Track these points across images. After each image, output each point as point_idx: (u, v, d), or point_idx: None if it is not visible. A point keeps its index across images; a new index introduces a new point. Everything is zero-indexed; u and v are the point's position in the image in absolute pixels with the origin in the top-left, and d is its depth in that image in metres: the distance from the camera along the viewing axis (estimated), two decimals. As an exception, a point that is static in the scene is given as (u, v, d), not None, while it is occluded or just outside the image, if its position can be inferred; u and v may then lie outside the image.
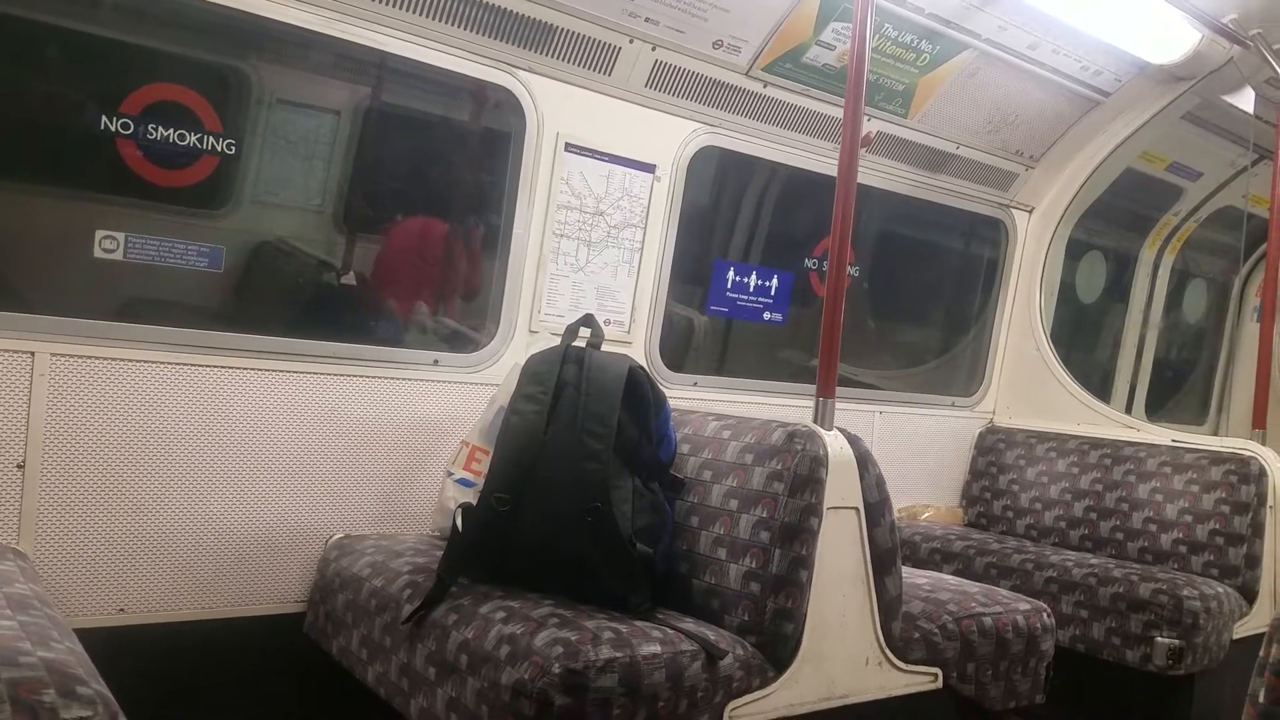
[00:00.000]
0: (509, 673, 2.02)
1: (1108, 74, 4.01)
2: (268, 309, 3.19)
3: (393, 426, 2.99)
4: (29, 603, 1.88)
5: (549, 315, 3.25)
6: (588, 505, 2.33)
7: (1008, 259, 4.65)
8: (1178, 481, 3.86)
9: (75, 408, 2.51)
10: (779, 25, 3.29)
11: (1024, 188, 4.50)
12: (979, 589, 2.93)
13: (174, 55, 2.85)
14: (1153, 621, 3.32)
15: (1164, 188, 5.14)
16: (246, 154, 3.04)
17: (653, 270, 3.48)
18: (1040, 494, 4.27)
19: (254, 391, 2.76)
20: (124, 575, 2.61)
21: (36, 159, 2.77)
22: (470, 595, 2.33)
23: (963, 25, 3.56)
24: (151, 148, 2.71)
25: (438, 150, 3.50)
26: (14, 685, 1.39)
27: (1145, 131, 4.31)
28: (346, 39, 2.82)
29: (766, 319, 4.04)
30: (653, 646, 2.11)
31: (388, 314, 3.41)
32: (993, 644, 2.72)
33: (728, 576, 2.43)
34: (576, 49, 3.11)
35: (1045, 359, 4.59)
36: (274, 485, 2.81)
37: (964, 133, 4.08)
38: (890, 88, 3.71)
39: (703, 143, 3.53)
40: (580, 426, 2.39)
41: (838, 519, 2.41)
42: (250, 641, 2.78)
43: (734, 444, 2.57)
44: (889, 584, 2.52)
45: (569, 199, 3.25)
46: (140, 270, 2.74)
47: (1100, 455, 4.14)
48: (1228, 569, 3.64)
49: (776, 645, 2.32)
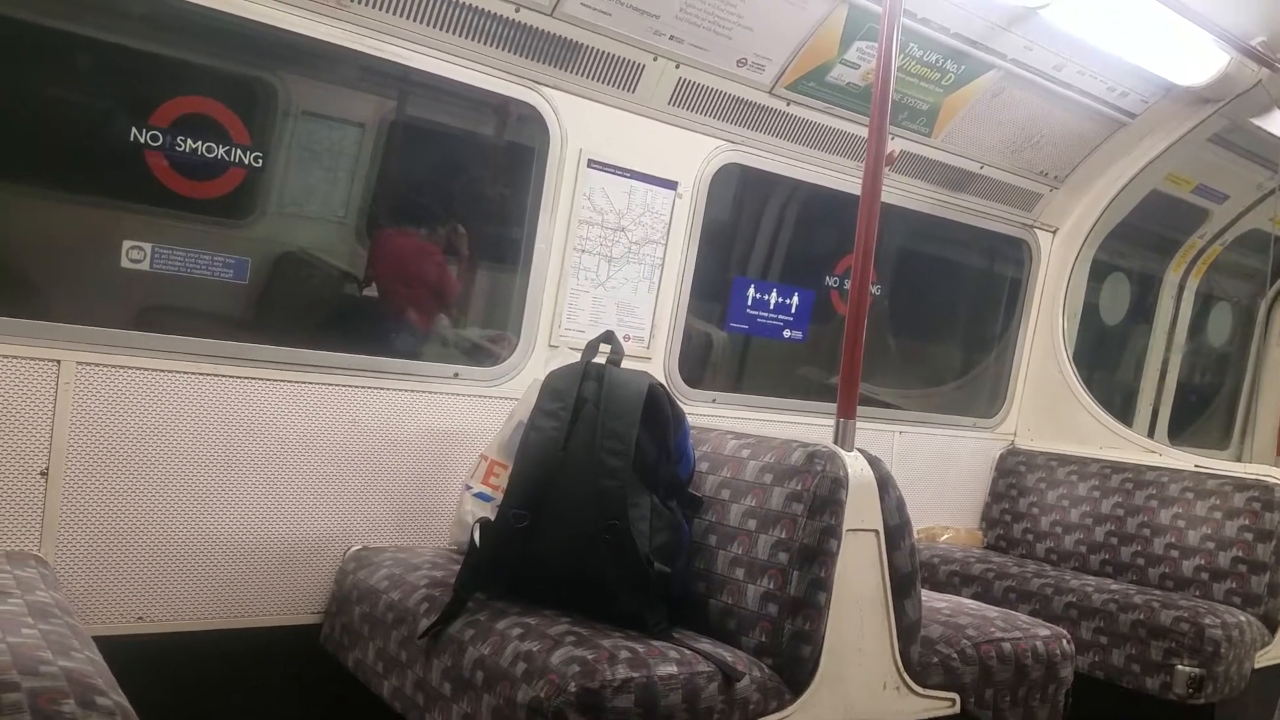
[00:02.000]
0: (525, 690, 2.02)
1: (1134, 95, 4.00)
2: (290, 320, 3.21)
3: (412, 438, 3.00)
4: (50, 610, 1.90)
5: (569, 330, 3.26)
6: (605, 523, 2.32)
7: (1030, 279, 4.63)
8: (1200, 507, 3.82)
9: (99, 416, 2.53)
10: (803, 44, 3.29)
11: (1048, 208, 4.48)
12: (998, 613, 2.91)
13: (204, 68, 2.89)
14: (1173, 649, 3.28)
15: (1190, 210, 5.10)
16: (272, 166, 3.06)
17: (673, 287, 3.48)
18: (1061, 517, 4.24)
19: (275, 402, 2.77)
20: (143, 583, 2.62)
21: (67, 169, 2.82)
22: (487, 611, 2.33)
23: (988, 45, 3.55)
24: (180, 160, 2.74)
25: (461, 164, 3.52)
26: (34, 695, 1.40)
27: (1171, 153, 4.29)
28: (373, 54, 2.84)
29: (787, 336, 4.03)
30: (669, 667, 2.10)
31: (408, 326, 3.42)
32: (1011, 670, 2.70)
33: (745, 597, 2.41)
34: (601, 66, 3.12)
35: (1067, 381, 4.55)
36: (293, 496, 2.82)
37: (988, 152, 4.07)
38: (914, 107, 3.71)
39: (725, 160, 3.53)
40: (599, 444, 2.38)
41: (857, 541, 2.39)
42: (267, 652, 2.78)
43: (753, 463, 2.56)
44: (908, 608, 2.50)
45: (591, 214, 3.25)
46: (166, 280, 2.77)
47: (1122, 479, 4.10)
48: (1250, 597, 3.60)
49: (794, 668, 2.30)
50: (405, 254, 3.49)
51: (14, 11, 2.64)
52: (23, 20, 2.66)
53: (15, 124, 2.71)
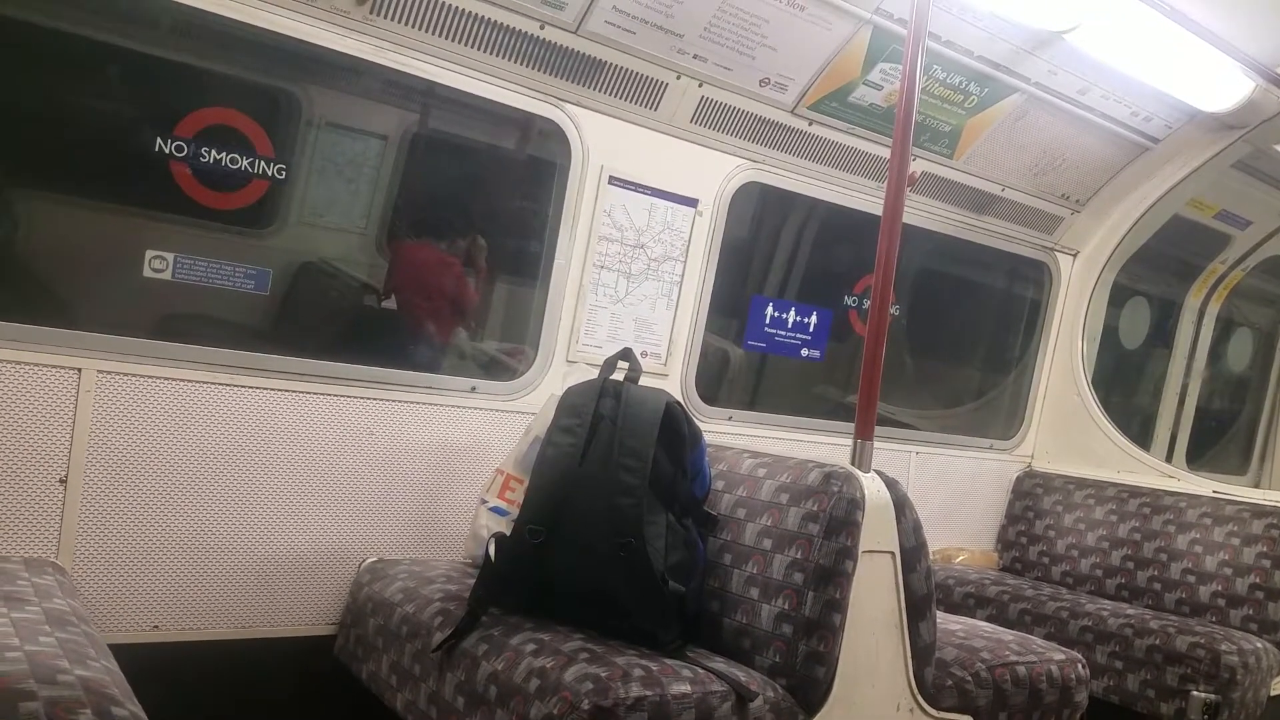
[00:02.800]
0: (538, 707, 2.01)
1: (1158, 120, 3.99)
2: (310, 331, 3.23)
3: (428, 452, 3.01)
4: (67, 619, 1.91)
5: (587, 345, 3.26)
6: (621, 540, 2.32)
7: (1050, 302, 4.62)
8: (1218, 533, 3.79)
9: (118, 425, 2.54)
10: (827, 65, 3.30)
11: (1069, 231, 4.47)
12: (1013, 637, 2.89)
13: (229, 80, 2.91)
14: (1189, 675, 3.26)
15: (1212, 235, 5.09)
16: (295, 177, 3.08)
17: (691, 304, 3.48)
18: (1077, 541, 4.21)
19: (293, 413, 2.78)
20: (159, 592, 2.63)
21: (92, 179, 2.83)
22: (501, 626, 2.32)
23: (1013, 69, 3.55)
24: (204, 170, 2.76)
25: (482, 178, 3.54)
26: (52, 704, 1.41)
27: (1194, 179, 4.28)
28: (397, 68, 2.86)
29: (804, 355, 4.02)
30: (683, 686, 2.09)
31: (426, 339, 3.44)
32: (1026, 693, 2.68)
33: (760, 617, 2.41)
34: (624, 84, 3.13)
35: (1086, 404, 4.53)
36: (310, 507, 2.83)
37: (1010, 175, 4.06)
38: (937, 128, 3.71)
39: (746, 178, 3.54)
40: (615, 461, 2.38)
41: (873, 563, 2.38)
42: (281, 662, 2.79)
43: (769, 483, 2.55)
44: (923, 630, 2.48)
45: (610, 231, 3.26)
46: (187, 290, 2.78)
47: (1139, 504, 4.08)
48: (1267, 624, 3.57)
49: (807, 689, 2.29)
50: (425, 266, 3.50)
51: (41, 19, 2.67)
52: (50, 28, 2.69)
53: (41, 132, 2.74)
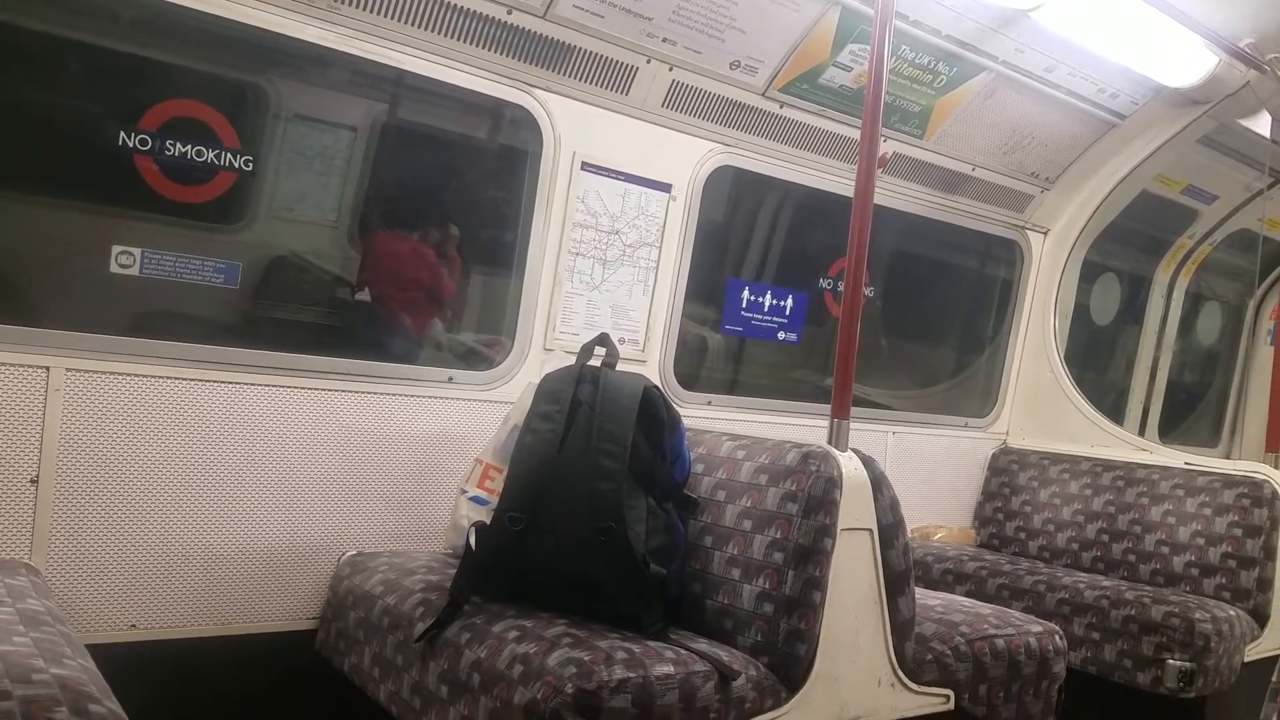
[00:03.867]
0: (521, 692, 2.02)
1: (1124, 97, 4.02)
2: (282, 325, 3.20)
3: (406, 443, 3.00)
4: (41, 619, 1.88)
5: (564, 333, 3.26)
6: (601, 525, 2.32)
7: (1022, 280, 4.65)
8: (1190, 504, 3.84)
9: (89, 423, 2.51)
10: (796, 46, 3.30)
11: (1039, 209, 4.50)
12: (991, 610, 2.92)
13: (193, 72, 2.87)
14: (1164, 644, 3.30)
15: (1179, 210, 5.13)
16: (263, 170, 3.05)
17: (668, 289, 3.48)
18: (1053, 515, 4.25)
19: (268, 407, 2.76)
20: (136, 591, 2.60)
21: (55, 174, 2.79)
22: (483, 614, 2.32)
23: (980, 48, 3.57)
24: (169, 163, 2.72)
25: (454, 168, 3.51)
26: (27, 703, 1.39)
27: (1161, 154, 4.31)
28: (365, 57, 2.84)
29: (781, 339, 4.04)
30: (666, 667, 2.10)
31: (402, 330, 3.41)
32: (1005, 666, 2.71)
33: (741, 597, 2.42)
34: (594, 69, 3.12)
35: (1059, 380, 4.57)
36: (287, 501, 2.81)
37: (980, 154, 4.08)
38: (907, 109, 3.72)
39: (719, 162, 3.53)
40: (594, 446, 2.38)
41: (851, 540, 2.40)
42: (262, 658, 2.77)
43: (748, 464, 2.56)
44: (902, 605, 2.50)
45: (585, 218, 3.25)
46: (156, 286, 2.75)
47: (1113, 477, 4.12)
48: (1240, 592, 3.62)
49: (789, 666, 2.31)
50: (398, 258, 3.48)
51: (0, 15, 2.63)
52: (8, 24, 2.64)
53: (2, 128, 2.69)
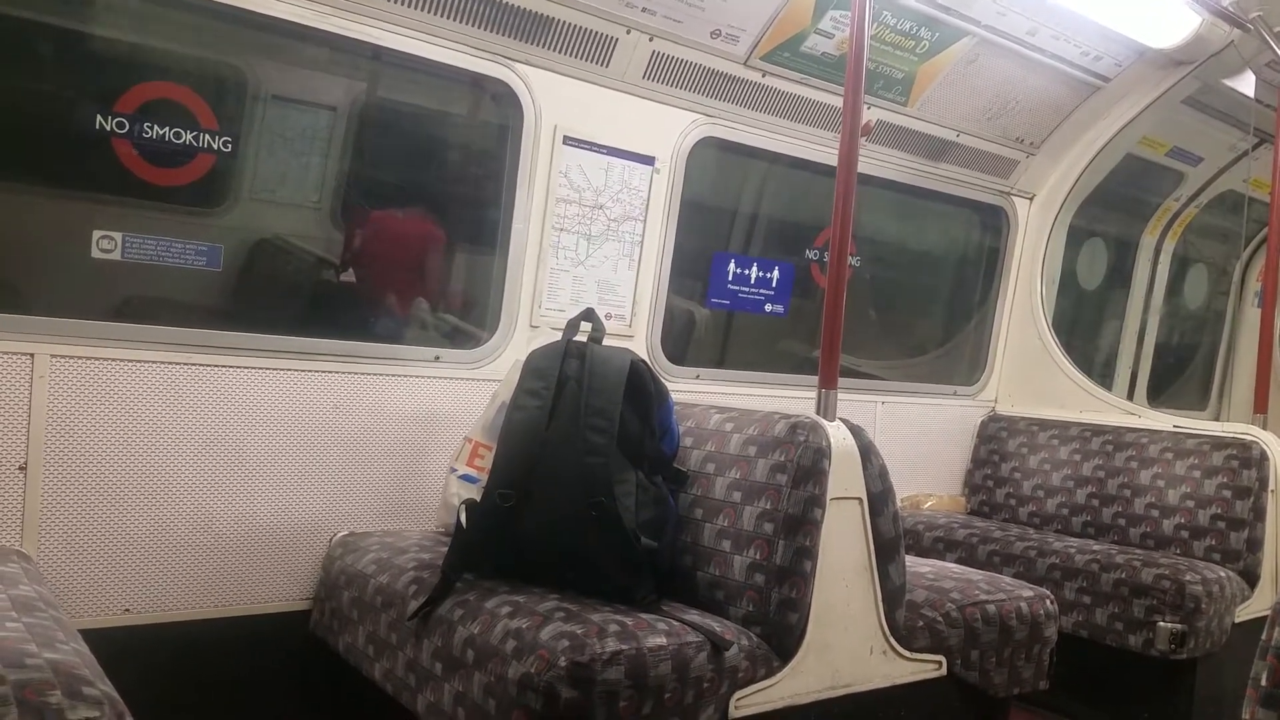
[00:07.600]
0: (515, 666, 2.02)
1: (1108, 59, 4.00)
2: (267, 307, 3.18)
3: (395, 423, 2.99)
4: (34, 604, 1.88)
5: (550, 310, 3.25)
6: (591, 500, 2.33)
7: (1009, 247, 4.64)
8: (1179, 467, 3.86)
9: (76, 409, 2.51)
10: (777, 14, 3.27)
11: (1025, 175, 4.49)
12: (982, 576, 2.93)
13: (169, 53, 2.83)
14: (1155, 606, 3.32)
15: (1165, 173, 5.12)
16: (243, 152, 3.02)
17: (653, 263, 3.47)
18: (1043, 481, 4.27)
19: (255, 390, 2.76)
20: (128, 575, 2.61)
21: (32, 160, 2.76)
22: (476, 590, 2.33)
23: (962, 12, 3.54)
24: (147, 146, 2.70)
25: (435, 145, 3.49)
26: (20, 687, 1.39)
27: (1145, 117, 4.30)
28: (342, 34, 2.81)
29: (768, 311, 4.03)
30: (658, 639, 2.11)
31: (388, 310, 3.40)
32: (996, 631, 2.72)
33: (732, 568, 2.43)
34: (573, 40, 3.10)
35: (1047, 346, 4.58)
36: (277, 483, 2.81)
37: (964, 120, 4.07)
38: (890, 75, 3.70)
39: (702, 134, 3.52)
40: (583, 421, 2.38)
41: (841, 509, 2.41)
42: (256, 640, 2.78)
43: (737, 436, 2.57)
44: (893, 573, 2.52)
45: (568, 192, 3.24)
46: (138, 270, 2.74)
47: (1102, 442, 4.14)
48: (1229, 553, 3.64)
49: (781, 635, 2.32)
50: (382, 238, 3.46)
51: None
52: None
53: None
